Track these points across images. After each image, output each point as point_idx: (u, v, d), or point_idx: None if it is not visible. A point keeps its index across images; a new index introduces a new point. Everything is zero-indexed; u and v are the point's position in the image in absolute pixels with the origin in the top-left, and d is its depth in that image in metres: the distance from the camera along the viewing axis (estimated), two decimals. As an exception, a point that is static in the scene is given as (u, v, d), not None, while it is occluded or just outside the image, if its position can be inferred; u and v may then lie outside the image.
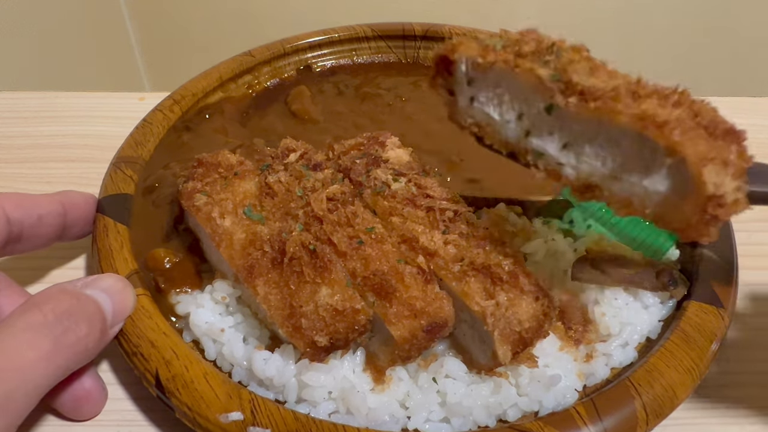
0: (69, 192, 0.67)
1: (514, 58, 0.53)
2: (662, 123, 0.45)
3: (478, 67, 0.55)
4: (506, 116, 0.56)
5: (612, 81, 0.49)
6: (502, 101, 0.55)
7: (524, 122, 0.54)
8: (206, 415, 0.54)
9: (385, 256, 0.59)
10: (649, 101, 0.47)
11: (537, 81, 0.51)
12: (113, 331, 0.57)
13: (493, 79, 0.55)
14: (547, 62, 0.52)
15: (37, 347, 0.48)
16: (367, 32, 0.96)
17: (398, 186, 0.64)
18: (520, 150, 0.56)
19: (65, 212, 0.65)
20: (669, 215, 0.48)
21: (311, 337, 0.55)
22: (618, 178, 0.50)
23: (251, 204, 0.64)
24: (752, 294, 0.71)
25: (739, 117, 0.95)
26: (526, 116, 0.54)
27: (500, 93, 0.55)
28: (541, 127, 0.53)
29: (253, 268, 0.58)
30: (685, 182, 0.46)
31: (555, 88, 0.50)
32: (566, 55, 0.52)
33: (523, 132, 0.55)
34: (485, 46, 0.55)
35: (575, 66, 0.50)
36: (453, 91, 0.59)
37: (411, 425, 0.57)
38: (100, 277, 0.58)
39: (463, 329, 0.59)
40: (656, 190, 0.48)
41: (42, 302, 0.51)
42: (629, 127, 0.47)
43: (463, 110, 0.59)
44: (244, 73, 0.90)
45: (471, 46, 0.56)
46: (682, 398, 0.57)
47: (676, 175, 0.46)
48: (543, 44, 0.53)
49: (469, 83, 0.57)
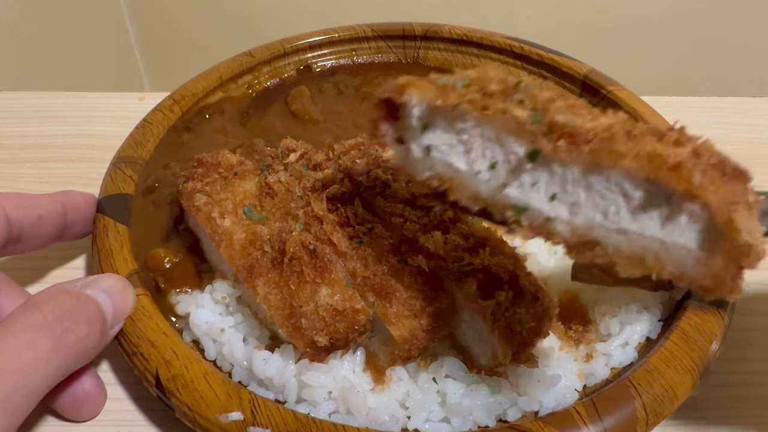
0: (69, 192, 0.67)
1: (481, 98, 0.46)
2: (676, 165, 0.39)
3: (437, 111, 0.48)
4: (475, 166, 0.47)
5: (601, 120, 0.43)
6: (469, 149, 0.47)
7: (499, 172, 0.47)
8: (206, 415, 0.54)
9: (385, 256, 0.59)
10: (649, 140, 0.41)
11: (515, 124, 0.44)
12: (113, 332, 0.57)
13: (456, 123, 0.47)
14: (521, 102, 0.45)
15: (37, 348, 0.48)
16: (367, 32, 0.96)
17: (398, 186, 0.64)
18: (496, 205, 0.48)
19: (65, 212, 0.65)
20: (695, 272, 0.41)
21: (311, 337, 0.55)
22: (624, 232, 0.43)
23: (251, 204, 0.64)
24: (752, 294, 0.71)
25: (739, 117, 0.96)
26: (502, 165, 0.46)
27: (465, 139, 0.47)
28: (522, 176, 0.46)
29: (253, 268, 0.58)
30: (712, 232, 0.39)
31: (537, 131, 0.44)
32: (539, 93, 0.45)
33: (499, 184, 0.47)
34: (442, 85, 0.48)
35: (555, 105, 0.44)
36: (403, 139, 0.51)
37: (411, 425, 0.57)
38: (100, 277, 0.58)
39: (463, 329, 0.59)
40: (675, 243, 0.41)
41: (42, 302, 0.51)
42: (636, 171, 0.41)
43: (417, 162, 0.50)
44: (244, 73, 0.90)
45: (424, 86, 0.48)
46: (682, 398, 0.57)
47: (698, 224, 0.40)
48: (508, 82, 0.47)
49: (424, 129, 0.49)
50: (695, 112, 0.95)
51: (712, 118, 0.95)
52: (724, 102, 0.98)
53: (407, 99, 0.48)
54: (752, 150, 0.89)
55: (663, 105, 0.84)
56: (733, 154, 0.89)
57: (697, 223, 0.40)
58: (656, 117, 0.81)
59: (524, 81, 0.46)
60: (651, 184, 0.41)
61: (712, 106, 0.98)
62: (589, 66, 0.89)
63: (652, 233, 0.42)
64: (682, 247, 0.41)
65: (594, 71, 0.88)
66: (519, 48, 0.92)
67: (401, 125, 0.50)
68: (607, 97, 0.85)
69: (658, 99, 0.86)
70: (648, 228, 0.42)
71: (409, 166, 0.51)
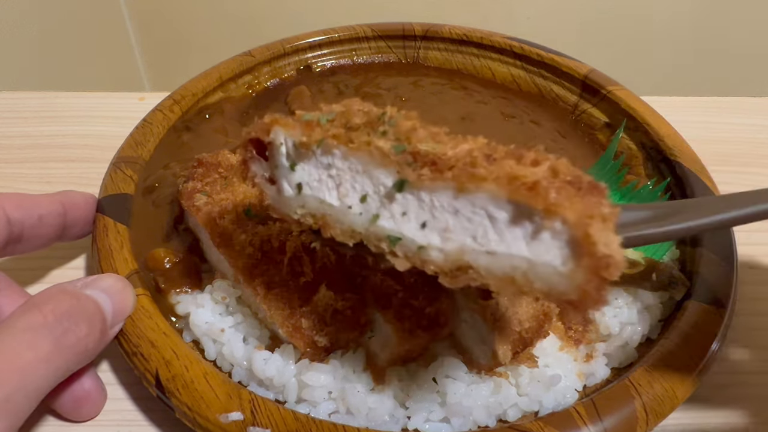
0: (69, 192, 0.67)
1: (345, 132, 0.46)
2: (533, 184, 0.40)
3: (303, 146, 0.47)
4: (346, 201, 0.47)
5: (462, 145, 0.44)
6: (338, 183, 0.47)
7: (370, 204, 0.46)
8: (206, 415, 0.54)
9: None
10: (508, 162, 0.41)
11: (379, 155, 0.45)
12: (113, 332, 0.57)
13: (322, 159, 0.47)
14: (384, 133, 0.45)
15: (38, 348, 0.48)
16: (367, 32, 0.96)
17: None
18: (370, 238, 0.47)
19: (65, 212, 0.65)
20: (561, 286, 0.41)
21: (311, 337, 0.55)
22: (493, 253, 0.43)
23: (251, 204, 0.64)
24: (752, 294, 0.71)
25: (739, 117, 0.96)
26: (372, 197, 0.46)
27: (335, 174, 0.47)
28: (392, 207, 0.46)
29: (253, 268, 0.59)
30: (573, 247, 0.40)
31: (402, 161, 0.44)
32: (402, 123, 0.45)
33: (371, 216, 0.46)
34: (307, 122, 0.48)
35: (417, 134, 0.44)
36: (273, 178, 0.50)
37: (411, 425, 0.57)
38: (99, 277, 0.58)
39: (463, 329, 0.59)
40: (541, 260, 0.41)
41: (42, 303, 0.51)
42: (497, 193, 0.41)
43: (290, 201, 0.50)
44: (244, 73, 0.90)
45: (288, 123, 0.48)
46: (682, 398, 0.57)
47: (559, 240, 0.40)
48: (372, 114, 0.47)
49: (293, 167, 0.49)
50: (695, 112, 0.95)
51: (712, 118, 0.95)
52: (724, 102, 0.98)
53: (274, 137, 0.48)
54: (752, 150, 0.89)
55: (663, 105, 0.84)
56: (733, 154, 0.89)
57: (558, 240, 0.40)
58: (656, 117, 0.81)
59: (388, 112, 0.46)
60: (513, 205, 0.41)
61: (712, 106, 0.98)
62: (589, 66, 0.89)
63: (519, 252, 0.42)
64: (547, 264, 0.41)
65: (594, 71, 0.88)
66: (519, 48, 0.92)
67: (271, 164, 0.50)
68: (607, 97, 0.85)
69: (658, 99, 0.86)
70: (515, 248, 0.42)
71: (282, 206, 0.50)
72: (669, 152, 0.77)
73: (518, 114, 0.88)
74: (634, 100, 0.84)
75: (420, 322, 0.55)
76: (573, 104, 0.89)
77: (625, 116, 0.83)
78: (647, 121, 0.81)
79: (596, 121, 0.86)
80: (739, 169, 0.86)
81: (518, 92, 0.92)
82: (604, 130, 0.85)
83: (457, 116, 0.87)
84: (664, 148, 0.78)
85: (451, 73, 0.95)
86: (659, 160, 0.78)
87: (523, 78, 0.92)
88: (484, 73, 0.94)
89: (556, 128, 0.86)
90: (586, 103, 0.87)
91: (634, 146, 0.81)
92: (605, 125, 0.85)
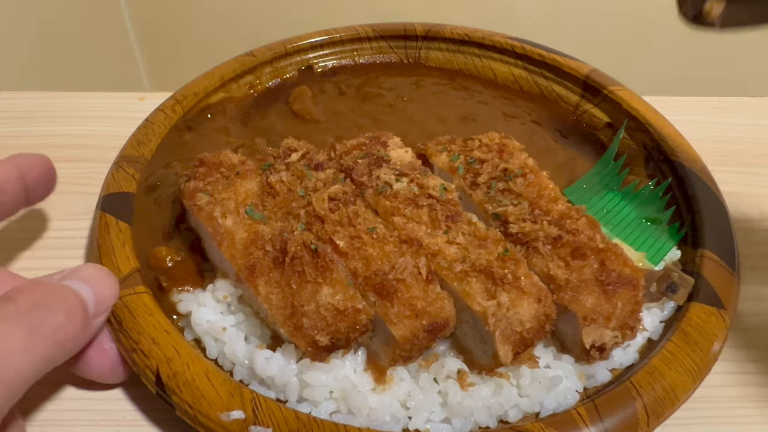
0: (21, 155, 0.65)
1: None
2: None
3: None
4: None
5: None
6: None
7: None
8: (207, 414, 0.54)
9: (386, 256, 0.59)
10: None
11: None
12: (98, 321, 0.56)
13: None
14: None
15: (11, 337, 0.47)
16: (369, 32, 0.96)
17: (400, 186, 0.64)
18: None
19: (23, 175, 0.64)
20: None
21: (312, 336, 0.55)
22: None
23: (253, 203, 0.64)
24: (753, 294, 0.71)
25: (739, 117, 0.96)
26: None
27: None
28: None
29: (255, 268, 0.58)
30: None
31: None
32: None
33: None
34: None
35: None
36: None
37: (412, 425, 0.57)
38: (78, 267, 0.57)
39: (465, 329, 0.59)
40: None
41: (15, 295, 0.50)
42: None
43: None
44: (245, 73, 0.90)
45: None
46: (683, 399, 0.57)
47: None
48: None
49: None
50: (695, 112, 0.95)
51: (712, 118, 0.95)
52: (724, 102, 0.98)
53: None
54: (752, 150, 0.89)
55: (664, 105, 0.84)
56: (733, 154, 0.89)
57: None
58: (658, 117, 0.81)
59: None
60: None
61: (712, 106, 0.98)
62: (591, 66, 0.89)
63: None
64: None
65: (596, 71, 0.88)
66: (520, 48, 0.92)
67: None
68: (608, 97, 0.85)
69: (659, 99, 0.86)
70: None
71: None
72: (670, 152, 0.77)
73: (520, 114, 0.88)
74: (635, 100, 0.84)
75: (421, 323, 0.55)
76: (574, 104, 0.88)
77: (627, 116, 0.83)
78: (649, 122, 0.81)
79: (598, 121, 0.86)
80: (739, 169, 0.86)
81: (520, 92, 0.92)
82: (606, 130, 0.85)
83: (458, 116, 0.87)
84: (666, 149, 0.78)
85: (453, 74, 0.95)
86: (661, 161, 0.78)
87: (524, 78, 0.92)
88: (485, 73, 0.94)
89: (557, 128, 0.86)
90: (588, 103, 0.87)
91: (635, 146, 0.81)
92: (607, 125, 0.85)
